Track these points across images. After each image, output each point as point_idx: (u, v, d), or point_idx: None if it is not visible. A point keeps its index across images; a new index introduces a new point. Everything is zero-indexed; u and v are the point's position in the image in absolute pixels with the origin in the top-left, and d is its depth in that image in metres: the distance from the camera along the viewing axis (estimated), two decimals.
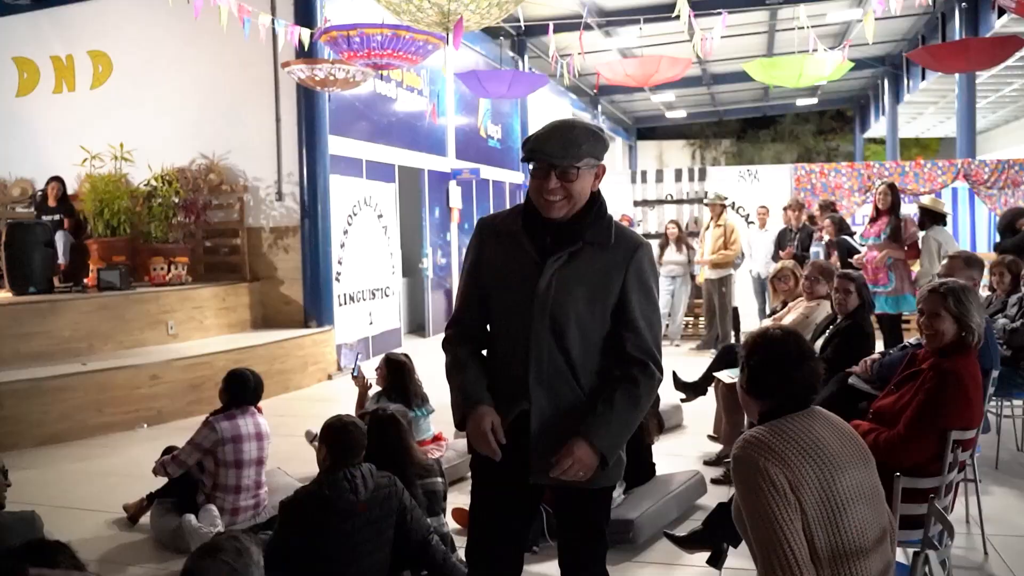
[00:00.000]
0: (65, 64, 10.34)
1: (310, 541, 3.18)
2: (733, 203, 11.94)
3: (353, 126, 10.33)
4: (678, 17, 6.05)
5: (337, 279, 9.81)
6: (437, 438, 5.38)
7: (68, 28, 10.37)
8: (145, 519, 4.78)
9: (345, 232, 10.01)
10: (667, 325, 11.10)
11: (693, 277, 10.93)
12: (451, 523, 4.30)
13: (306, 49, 8.39)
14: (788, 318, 5.60)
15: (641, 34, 14.79)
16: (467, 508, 2.63)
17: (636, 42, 17.09)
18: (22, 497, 5.34)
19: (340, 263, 9.89)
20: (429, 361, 4.84)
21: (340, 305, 9.86)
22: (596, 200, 2.34)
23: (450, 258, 13.37)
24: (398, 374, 5.24)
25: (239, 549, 2.21)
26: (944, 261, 4.61)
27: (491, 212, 13.00)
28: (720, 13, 7.68)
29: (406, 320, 12.16)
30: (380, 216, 10.92)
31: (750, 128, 31.75)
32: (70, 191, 9.51)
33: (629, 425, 2.33)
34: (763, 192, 11.60)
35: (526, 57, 16.74)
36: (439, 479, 4.15)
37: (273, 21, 8.26)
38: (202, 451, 4.40)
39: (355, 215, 10.27)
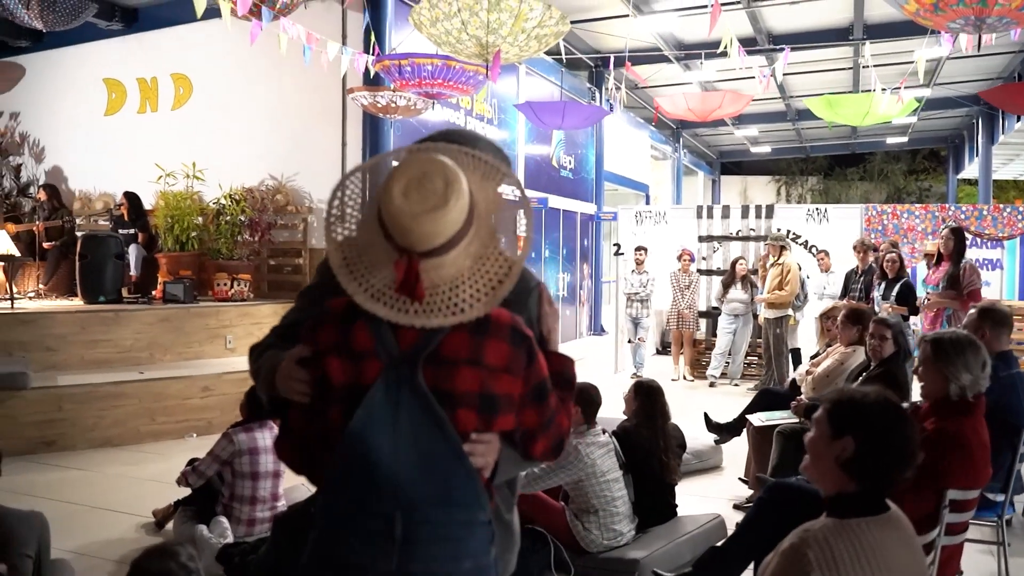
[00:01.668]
0: (150, 85, 10.91)
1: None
2: (806, 242, 11.67)
3: None
4: (724, 53, 5.98)
5: None
6: None
7: (155, 51, 10.94)
8: (171, 525, 4.94)
9: None
10: (727, 364, 10.92)
11: (755, 316, 10.72)
12: None
13: (371, 77, 8.62)
14: (824, 364, 5.45)
15: (720, 68, 14.67)
16: None
17: (716, 76, 16.96)
18: (64, 496, 5.62)
19: None
20: None
21: None
22: None
23: None
24: None
25: (178, 552, 2.29)
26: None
27: (560, 242, 12.89)
28: (783, 49, 7.55)
29: None
30: None
31: (838, 166, 30.93)
32: (148, 207, 9.97)
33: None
34: (832, 232, 11.31)
35: (603, 88, 16.77)
36: None
37: (341, 49, 8.52)
38: (220, 462, 4.53)
39: None
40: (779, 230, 11.42)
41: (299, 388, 1.67)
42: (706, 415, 6.03)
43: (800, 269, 10.07)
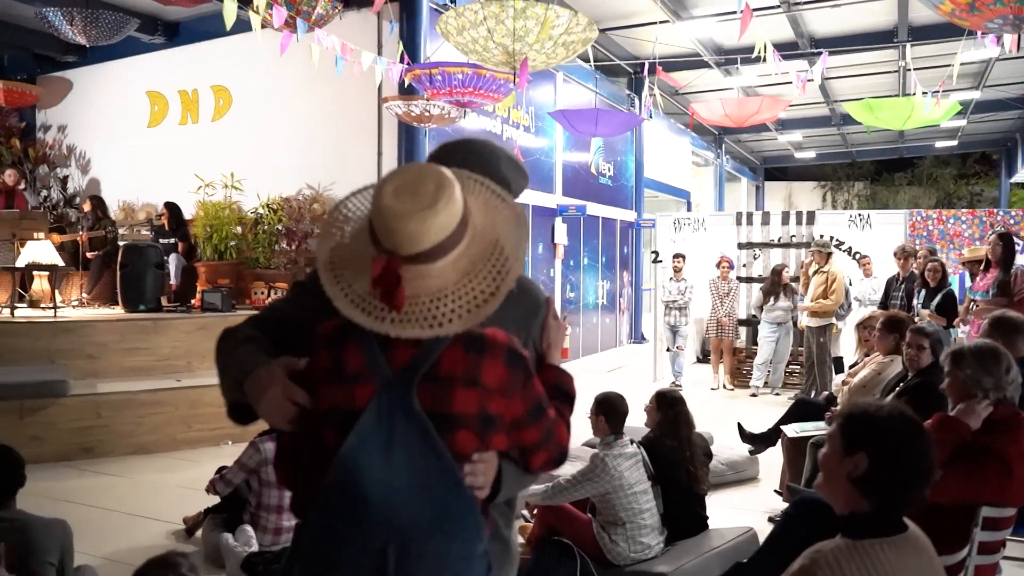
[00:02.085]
0: (191, 97, 11.11)
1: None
2: (850, 248, 11.45)
3: None
4: (759, 59, 5.89)
5: None
6: None
7: (196, 64, 11.15)
8: (200, 533, 4.98)
9: None
10: (769, 372, 10.73)
11: (795, 323, 10.53)
12: None
13: (405, 86, 8.66)
14: (861, 373, 5.31)
15: (761, 72, 14.49)
16: None
17: (757, 80, 16.78)
18: (100, 502, 5.70)
19: None
20: None
21: None
22: None
23: (553, 294, 13.39)
24: None
25: (179, 564, 2.30)
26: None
27: (599, 249, 12.79)
28: (820, 53, 7.42)
29: None
30: None
31: (885, 170, 30.33)
32: (188, 217, 10.13)
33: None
34: (876, 238, 11.07)
35: (642, 95, 16.67)
36: None
37: (375, 59, 8.57)
38: (247, 471, 4.55)
39: None
40: (822, 236, 11.21)
41: (288, 419, 1.58)
42: (739, 425, 5.91)
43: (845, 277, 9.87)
